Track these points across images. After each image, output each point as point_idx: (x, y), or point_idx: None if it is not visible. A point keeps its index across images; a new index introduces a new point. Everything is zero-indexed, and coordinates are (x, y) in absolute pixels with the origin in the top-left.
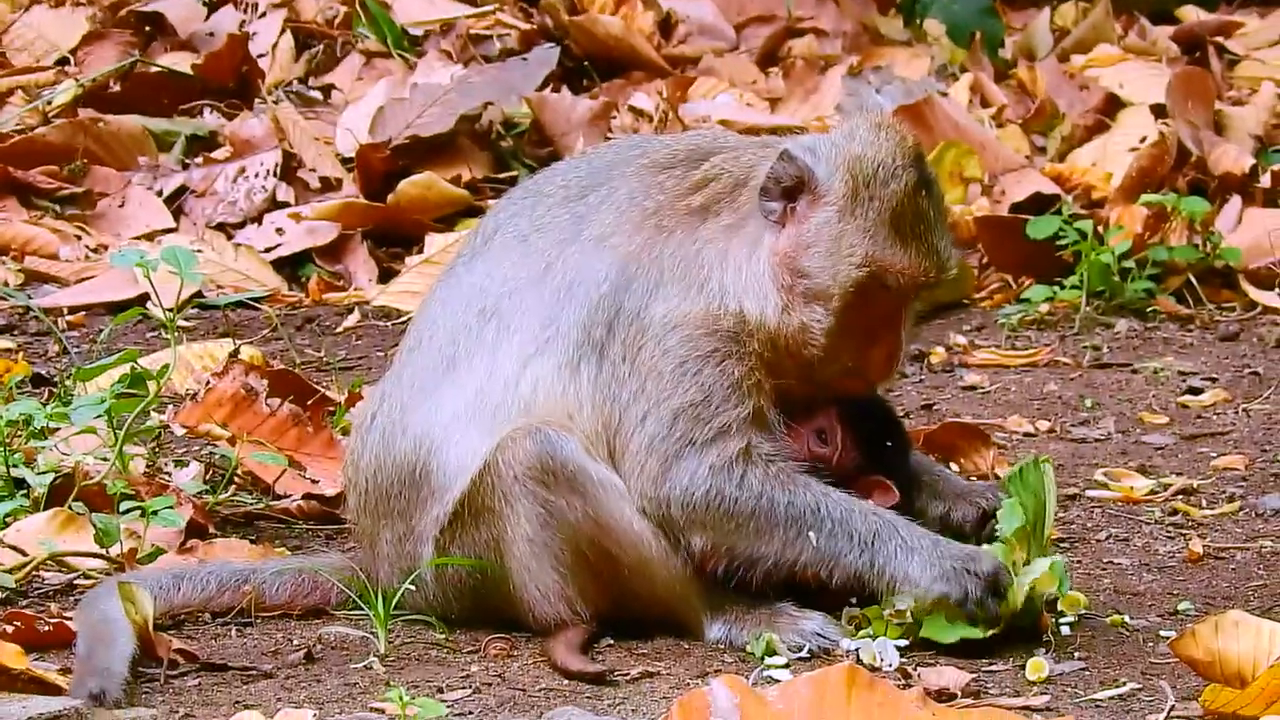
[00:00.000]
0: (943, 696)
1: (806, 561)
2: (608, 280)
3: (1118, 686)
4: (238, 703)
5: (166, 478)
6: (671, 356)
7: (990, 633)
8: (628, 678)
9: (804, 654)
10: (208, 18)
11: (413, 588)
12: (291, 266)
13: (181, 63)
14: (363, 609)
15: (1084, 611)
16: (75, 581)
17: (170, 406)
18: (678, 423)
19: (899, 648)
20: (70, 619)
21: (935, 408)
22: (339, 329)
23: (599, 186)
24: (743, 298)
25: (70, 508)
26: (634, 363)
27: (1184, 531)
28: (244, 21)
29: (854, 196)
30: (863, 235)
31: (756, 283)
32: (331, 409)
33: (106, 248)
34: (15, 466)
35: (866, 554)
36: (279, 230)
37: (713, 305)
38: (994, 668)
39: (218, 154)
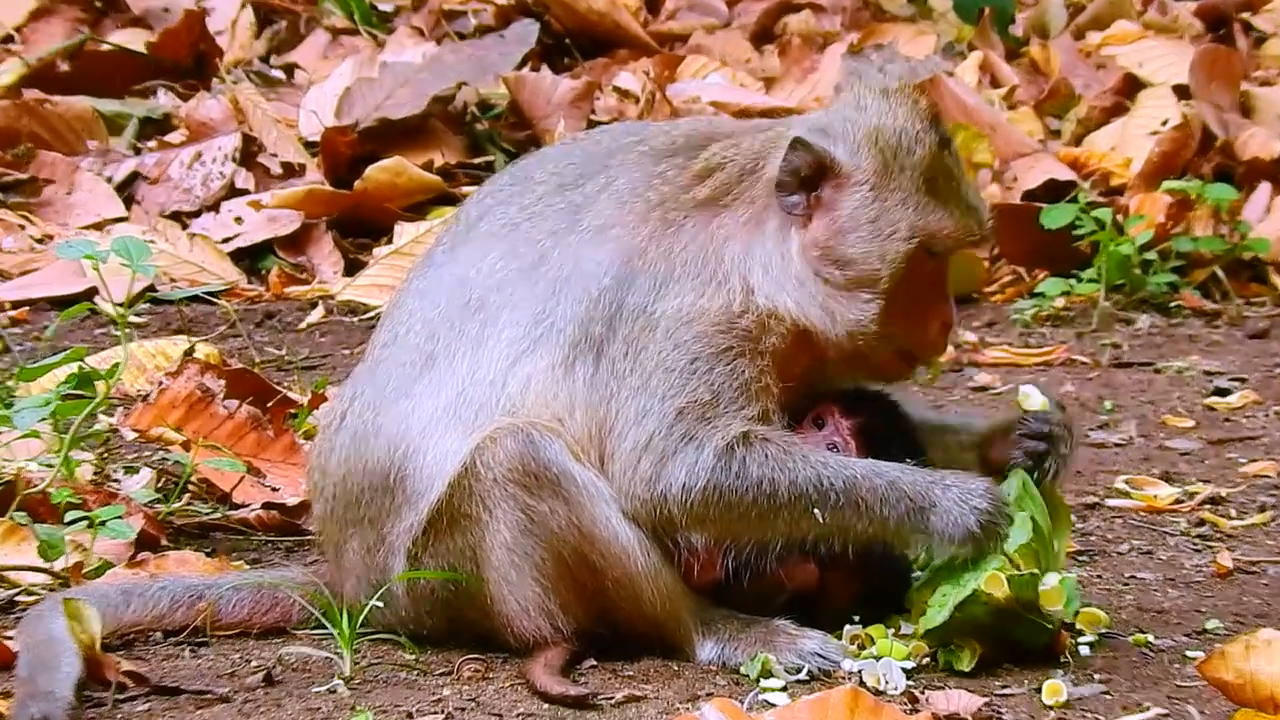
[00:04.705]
0: None
1: (817, 537)
2: (610, 274)
3: (1141, 711)
4: None
5: (116, 485)
6: (684, 352)
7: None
8: (612, 701)
9: (803, 676)
10: None
11: (381, 603)
12: (251, 258)
13: (134, 40)
14: (326, 627)
15: (1104, 630)
16: (17, 598)
17: (120, 409)
18: (680, 421)
19: (906, 669)
20: (11, 638)
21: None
22: (302, 325)
23: (596, 174)
24: (775, 296)
25: (12, 518)
26: (637, 359)
27: (1212, 544)
28: None
29: (884, 171)
30: (903, 208)
31: (791, 282)
32: (293, 411)
33: (53, 238)
34: None
35: (875, 523)
36: (238, 219)
37: (734, 303)
38: (1008, 691)
39: (172, 138)
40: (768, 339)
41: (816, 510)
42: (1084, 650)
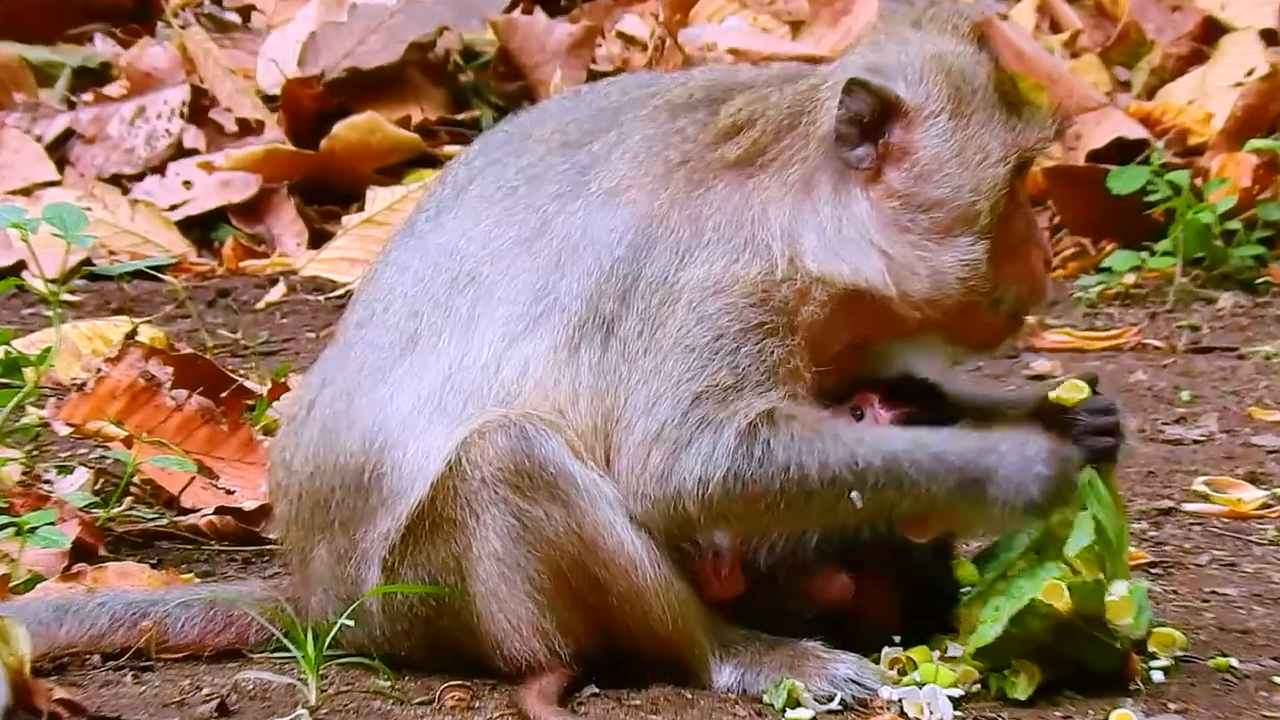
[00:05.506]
0: None
1: (854, 523)
2: (624, 242)
3: None
4: None
5: (47, 487)
6: (708, 327)
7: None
8: None
9: (835, 705)
10: None
11: (351, 621)
12: (201, 228)
13: None
14: (289, 649)
15: (1181, 653)
16: None
17: (52, 400)
18: (696, 408)
19: (953, 698)
20: None
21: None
22: (260, 304)
23: (605, 131)
24: (828, 264)
25: None
26: (654, 337)
27: None
28: None
29: (958, 97)
30: (989, 130)
31: (857, 246)
32: (251, 403)
33: None
34: None
35: (923, 501)
36: (186, 183)
37: (777, 270)
38: None
39: (111, 90)
40: (806, 309)
41: (855, 494)
42: (1157, 675)
